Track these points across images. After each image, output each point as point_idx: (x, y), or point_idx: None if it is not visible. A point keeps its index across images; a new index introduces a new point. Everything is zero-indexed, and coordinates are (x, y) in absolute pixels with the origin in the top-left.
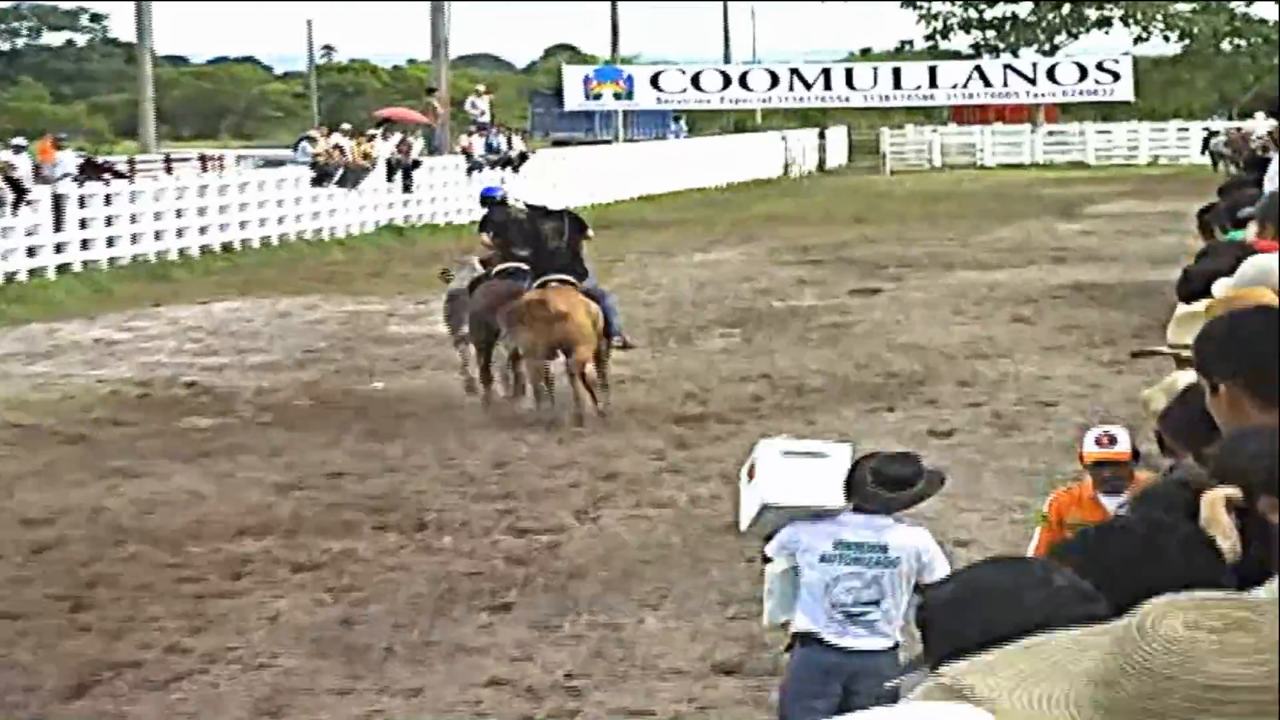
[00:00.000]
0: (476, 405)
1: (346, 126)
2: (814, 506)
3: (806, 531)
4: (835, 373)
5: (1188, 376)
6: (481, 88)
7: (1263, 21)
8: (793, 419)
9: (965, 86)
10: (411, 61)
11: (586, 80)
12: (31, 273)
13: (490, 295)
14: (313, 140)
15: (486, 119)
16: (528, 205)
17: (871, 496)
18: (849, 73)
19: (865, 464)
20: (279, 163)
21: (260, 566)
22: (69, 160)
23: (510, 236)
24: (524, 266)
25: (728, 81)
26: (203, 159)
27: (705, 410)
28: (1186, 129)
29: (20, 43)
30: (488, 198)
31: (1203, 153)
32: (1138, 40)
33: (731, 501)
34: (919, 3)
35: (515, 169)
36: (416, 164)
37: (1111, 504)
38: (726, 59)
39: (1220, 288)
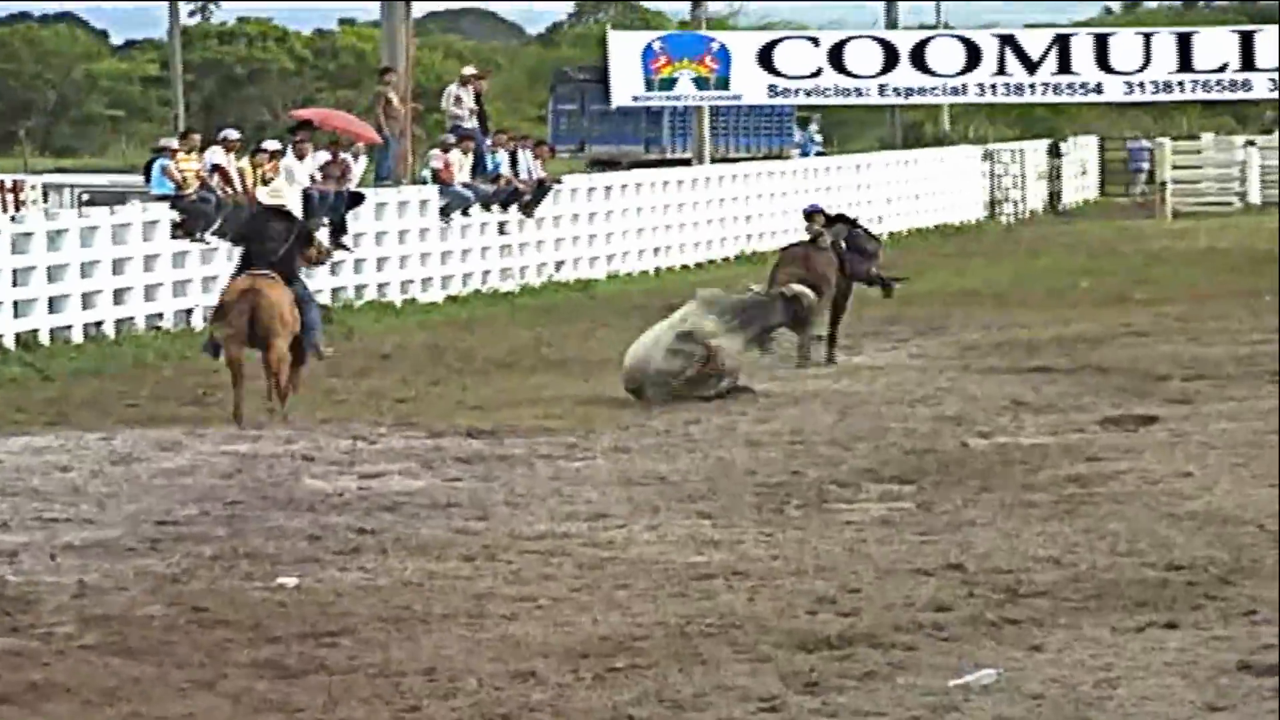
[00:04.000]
0: (462, 613)
1: (234, 135)
2: None
3: None
4: (1076, 563)
5: None
6: (470, 70)
7: None
8: (1002, 642)
9: None
10: (346, 23)
11: (649, 54)
12: None
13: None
14: (175, 157)
15: (475, 124)
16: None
17: None
18: (1101, 43)
19: None
20: (118, 196)
21: None
22: None
23: None
24: None
25: (892, 58)
26: None
27: (852, 627)
28: None
29: None
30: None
31: None
32: None
33: None
34: None
35: (527, 210)
36: (356, 199)
37: None
38: (890, 21)
39: None
